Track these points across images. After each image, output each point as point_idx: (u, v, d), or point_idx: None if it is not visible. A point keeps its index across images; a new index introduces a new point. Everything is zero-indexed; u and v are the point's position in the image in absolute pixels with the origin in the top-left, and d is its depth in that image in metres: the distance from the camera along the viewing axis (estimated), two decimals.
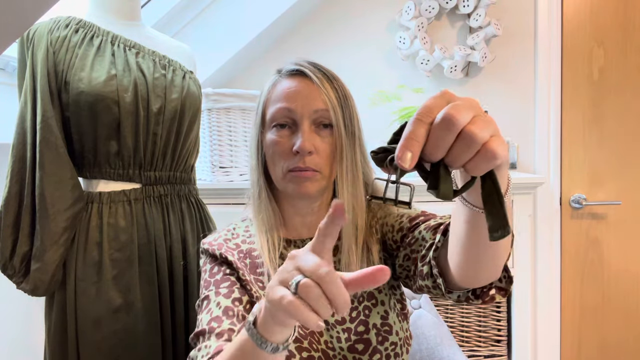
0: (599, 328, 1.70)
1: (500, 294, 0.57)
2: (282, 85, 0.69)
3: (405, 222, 0.70)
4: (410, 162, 0.33)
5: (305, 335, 0.66)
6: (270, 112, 0.69)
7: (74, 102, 0.85)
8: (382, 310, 0.69)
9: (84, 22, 0.91)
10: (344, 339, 0.67)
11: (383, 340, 0.67)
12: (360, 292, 0.69)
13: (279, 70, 0.72)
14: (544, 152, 1.67)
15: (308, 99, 0.67)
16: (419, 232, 0.66)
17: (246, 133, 1.37)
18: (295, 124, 0.67)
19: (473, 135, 0.33)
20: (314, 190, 0.67)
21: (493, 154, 0.33)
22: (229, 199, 1.35)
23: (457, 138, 0.33)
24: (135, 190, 0.92)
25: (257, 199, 0.72)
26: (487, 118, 0.34)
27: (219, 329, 0.60)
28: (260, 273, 0.70)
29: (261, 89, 0.73)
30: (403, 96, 1.47)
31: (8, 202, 0.84)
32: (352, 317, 0.68)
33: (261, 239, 0.70)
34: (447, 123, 0.33)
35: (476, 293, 0.58)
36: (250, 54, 1.75)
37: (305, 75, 0.68)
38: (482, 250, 0.50)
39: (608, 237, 1.68)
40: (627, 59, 1.64)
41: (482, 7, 1.60)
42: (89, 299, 0.86)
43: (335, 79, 0.70)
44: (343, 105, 0.69)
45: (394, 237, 0.71)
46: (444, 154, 0.34)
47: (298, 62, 0.70)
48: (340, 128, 0.67)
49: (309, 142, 0.65)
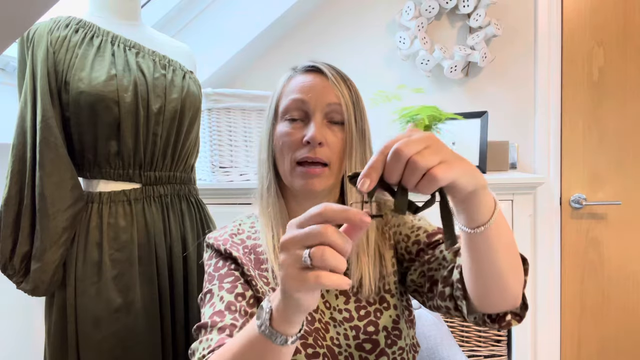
0: (599, 328, 1.70)
1: (515, 320, 0.59)
2: (297, 79, 0.70)
3: (422, 235, 0.71)
4: (368, 187, 0.42)
5: (311, 332, 0.66)
6: (284, 104, 0.69)
7: (74, 102, 0.85)
8: (395, 314, 0.69)
9: (84, 22, 0.91)
10: (352, 336, 0.67)
11: (392, 344, 0.67)
12: (372, 295, 0.69)
13: (294, 67, 0.73)
14: (544, 152, 1.67)
15: (322, 92, 0.67)
16: (440, 252, 0.66)
17: (246, 133, 1.37)
18: (307, 117, 0.68)
19: (416, 163, 0.41)
20: (321, 187, 0.67)
21: (434, 177, 0.41)
22: (229, 199, 1.35)
23: (406, 167, 0.41)
24: (135, 190, 0.92)
25: (266, 193, 0.72)
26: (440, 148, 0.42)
27: (221, 323, 0.60)
28: (264, 269, 0.70)
29: (275, 85, 0.74)
30: (403, 96, 1.47)
31: (8, 202, 0.84)
32: (360, 316, 0.68)
33: (267, 235, 0.70)
34: (395, 154, 0.41)
35: (492, 317, 0.59)
36: (250, 54, 1.75)
37: (321, 71, 0.70)
38: (486, 275, 0.53)
39: (608, 237, 1.68)
40: (627, 59, 1.64)
41: (482, 7, 1.60)
42: (89, 299, 0.86)
43: (348, 79, 0.72)
44: (355, 103, 0.70)
45: (409, 248, 0.71)
46: (399, 178, 0.42)
47: (313, 60, 0.72)
48: (351, 124, 0.68)
49: (320, 132, 0.65)
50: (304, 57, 0.75)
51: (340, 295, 0.70)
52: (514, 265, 0.54)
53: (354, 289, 0.70)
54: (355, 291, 0.70)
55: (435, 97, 1.70)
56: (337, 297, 0.70)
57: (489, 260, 0.52)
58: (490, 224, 0.49)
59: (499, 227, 0.50)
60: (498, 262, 0.52)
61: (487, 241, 0.50)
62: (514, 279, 0.54)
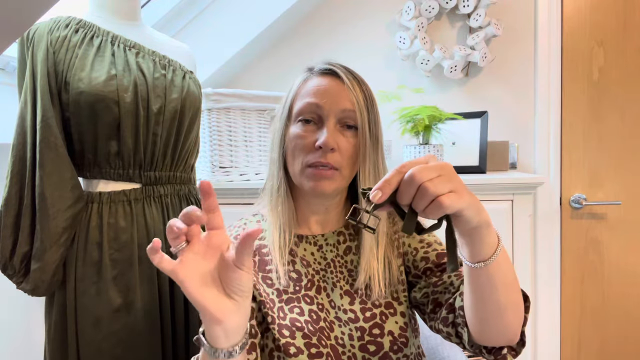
0: (599, 328, 1.70)
1: (511, 354, 0.60)
2: (312, 82, 0.70)
3: (431, 254, 0.71)
4: (379, 199, 0.45)
5: (315, 332, 0.66)
6: (298, 106, 0.69)
7: (74, 102, 0.85)
8: (402, 322, 0.69)
9: (84, 22, 0.91)
10: (357, 337, 0.67)
11: (398, 350, 0.67)
12: (378, 299, 0.70)
13: (310, 68, 0.73)
14: (544, 152, 1.67)
15: (337, 97, 0.67)
16: (448, 277, 0.67)
17: (246, 133, 1.37)
18: (320, 120, 0.68)
19: (426, 190, 0.43)
20: (331, 189, 0.67)
21: (440, 205, 0.43)
22: (229, 199, 1.35)
23: (417, 191, 0.44)
24: (135, 190, 0.92)
25: (276, 192, 0.72)
26: (452, 178, 0.45)
27: None
28: (269, 270, 0.70)
29: (291, 84, 0.74)
30: (403, 96, 1.47)
31: (8, 202, 0.84)
32: (366, 317, 0.68)
33: (274, 233, 0.71)
34: (409, 179, 0.44)
35: (488, 348, 0.60)
36: (250, 54, 1.75)
37: (337, 75, 0.69)
38: (485, 309, 0.54)
39: (608, 237, 1.68)
40: (627, 59, 1.64)
41: (482, 7, 1.60)
42: (89, 299, 0.86)
43: (365, 82, 0.72)
44: (369, 108, 0.69)
45: (416, 262, 0.72)
46: (409, 200, 0.45)
47: (330, 62, 0.71)
48: (365, 130, 0.68)
49: (332, 138, 0.66)
50: (304, 58, 0.75)
51: (345, 295, 0.70)
52: (514, 303, 0.55)
53: (359, 291, 0.70)
54: (362, 293, 0.70)
55: (435, 97, 1.70)
56: (342, 296, 0.70)
57: (489, 295, 0.53)
58: (491, 261, 0.50)
59: (501, 265, 0.51)
60: (497, 298, 0.53)
61: (488, 277, 0.52)
62: (514, 316, 0.55)
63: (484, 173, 1.45)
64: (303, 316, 0.67)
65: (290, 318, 0.67)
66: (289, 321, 0.66)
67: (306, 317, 0.67)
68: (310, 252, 0.73)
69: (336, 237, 0.74)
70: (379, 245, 0.70)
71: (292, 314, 0.67)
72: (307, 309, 0.68)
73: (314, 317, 0.68)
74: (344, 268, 0.72)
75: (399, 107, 1.36)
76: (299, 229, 0.75)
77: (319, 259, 0.73)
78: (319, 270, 0.72)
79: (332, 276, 0.71)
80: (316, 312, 0.68)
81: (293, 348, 0.64)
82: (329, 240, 0.74)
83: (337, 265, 0.72)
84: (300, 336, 0.65)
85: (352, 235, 0.75)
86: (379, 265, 0.69)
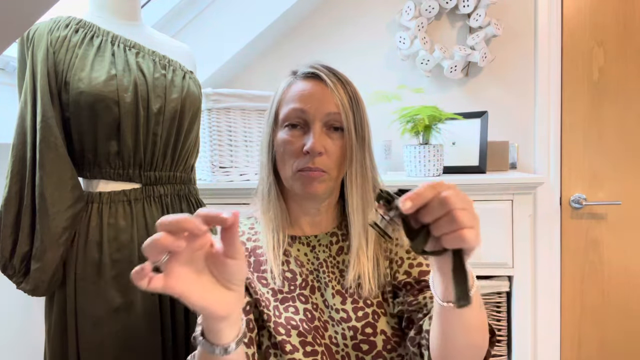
0: (599, 328, 1.70)
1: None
2: (296, 86, 0.70)
3: (415, 269, 0.71)
4: (409, 209, 0.43)
5: (310, 330, 0.67)
6: (284, 112, 0.70)
7: (74, 102, 0.85)
8: (393, 322, 0.69)
9: (84, 22, 0.91)
10: (350, 336, 0.67)
11: (392, 349, 0.67)
12: (370, 297, 0.70)
13: (294, 71, 0.74)
14: (544, 152, 1.67)
15: (321, 101, 0.68)
16: (423, 298, 0.67)
17: (246, 133, 1.37)
18: (307, 125, 0.68)
19: (457, 218, 0.42)
20: (322, 191, 0.68)
21: (463, 237, 0.42)
22: (229, 199, 1.35)
23: (445, 214, 0.43)
24: (135, 190, 0.92)
25: (267, 196, 0.73)
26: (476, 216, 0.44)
27: None
28: (264, 270, 0.71)
29: (275, 89, 0.74)
30: (403, 96, 1.47)
31: (8, 202, 0.84)
32: (358, 317, 0.68)
33: (267, 236, 0.71)
34: (444, 200, 0.43)
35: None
36: (250, 54, 1.75)
37: (320, 78, 0.70)
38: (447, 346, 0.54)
39: (608, 237, 1.67)
40: (627, 59, 1.64)
41: (482, 7, 1.60)
42: (89, 299, 0.86)
43: (349, 83, 0.72)
44: (355, 109, 0.70)
45: (398, 273, 0.71)
46: (432, 220, 0.44)
47: (313, 65, 0.71)
48: (350, 132, 0.68)
49: (319, 143, 0.66)
50: (304, 58, 0.75)
51: (337, 295, 0.70)
52: (478, 347, 0.55)
53: (350, 290, 0.70)
54: (352, 292, 0.70)
55: (435, 97, 1.70)
56: (334, 296, 0.70)
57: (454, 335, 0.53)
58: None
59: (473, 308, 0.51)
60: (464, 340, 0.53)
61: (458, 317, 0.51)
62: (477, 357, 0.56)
63: (484, 173, 1.45)
64: (298, 315, 0.68)
65: (286, 317, 0.68)
66: (284, 319, 0.67)
67: (301, 315, 0.68)
68: (303, 253, 0.74)
69: (329, 238, 0.75)
70: (368, 243, 0.70)
71: (287, 312, 0.68)
72: (302, 308, 0.69)
73: (309, 316, 0.68)
74: (336, 268, 0.73)
75: (399, 107, 1.36)
76: (291, 230, 0.75)
77: (312, 260, 0.74)
78: (312, 270, 0.73)
79: (325, 276, 0.72)
80: (311, 312, 0.69)
81: (289, 345, 0.65)
82: (322, 241, 0.75)
83: (330, 265, 0.73)
84: (296, 334, 0.66)
85: (345, 235, 0.75)
86: (368, 262, 0.69)
